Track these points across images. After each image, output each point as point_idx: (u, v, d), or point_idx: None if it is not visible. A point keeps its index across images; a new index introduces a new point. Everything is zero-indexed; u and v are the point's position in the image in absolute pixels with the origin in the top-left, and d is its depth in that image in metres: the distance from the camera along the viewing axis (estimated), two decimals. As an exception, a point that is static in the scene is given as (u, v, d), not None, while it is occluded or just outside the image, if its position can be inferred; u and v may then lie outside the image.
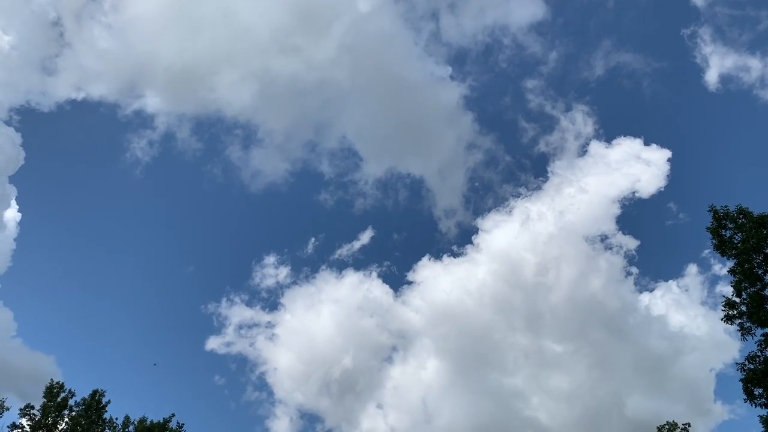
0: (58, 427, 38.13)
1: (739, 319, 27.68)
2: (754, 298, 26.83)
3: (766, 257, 27.57)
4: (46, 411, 38.26)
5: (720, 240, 29.51)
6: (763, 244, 28.17)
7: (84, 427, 38.29)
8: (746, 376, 27.77)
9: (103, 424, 39.92)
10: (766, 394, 27.16)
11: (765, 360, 27.53)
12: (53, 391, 39.23)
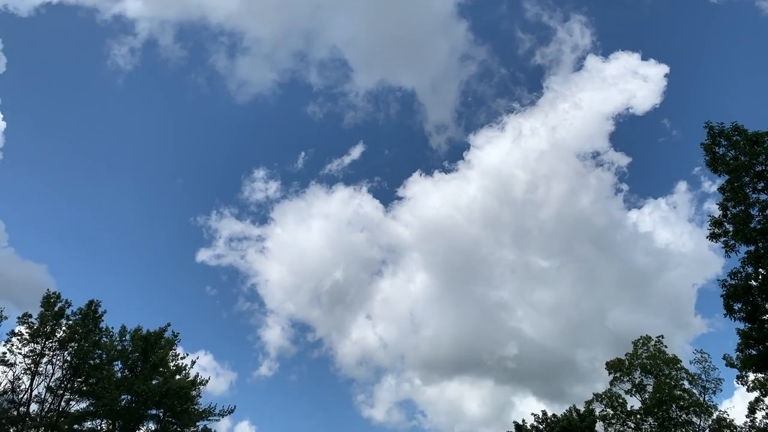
0: (56, 335, 39.09)
1: (723, 237, 28.02)
2: (740, 217, 27.04)
3: (757, 175, 27.57)
4: (43, 320, 39.09)
5: (713, 157, 29.35)
6: (755, 162, 28.10)
7: (81, 335, 39.26)
8: (727, 292, 28.39)
9: (100, 333, 40.95)
10: (745, 308, 27.88)
11: (746, 276, 28.08)
12: (50, 300, 39.92)
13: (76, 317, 39.79)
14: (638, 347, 47.91)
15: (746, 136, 28.49)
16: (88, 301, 41.06)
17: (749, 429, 45.11)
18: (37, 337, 38.59)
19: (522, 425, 50.56)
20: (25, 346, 38.26)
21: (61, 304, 39.97)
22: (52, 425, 39.31)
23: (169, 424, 44.29)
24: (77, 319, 39.83)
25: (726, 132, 29.06)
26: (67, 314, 39.78)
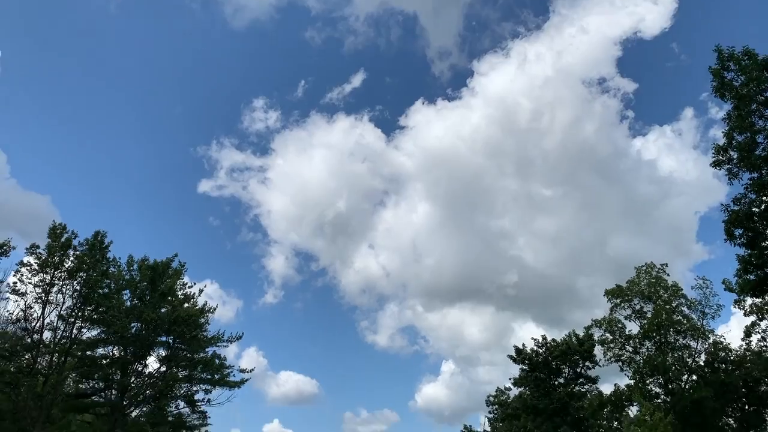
0: (64, 265, 39.66)
1: (727, 164, 27.85)
2: (745, 144, 26.79)
3: (764, 102, 27.10)
4: (51, 250, 39.58)
5: (721, 82, 28.78)
6: (764, 87, 27.57)
7: (89, 265, 39.84)
8: (729, 218, 28.48)
9: (108, 264, 41.52)
10: (746, 234, 28.05)
11: (749, 202, 28.11)
12: (56, 232, 40.28)
13: (83, 248, 40.23)
14: (641, 274, 48.51)
15: (756, 61, 27.81)
16: (95, 232, 41.43)
17: (744, 352, 46.34)
18: (45, 267, 39.17)
19: (522, 349, 51.91)
20: (35, 276, 38.91)
21: (67, 235, 40.33)
22: (66, 351, 40.48)
23: (179, 350, 45.56)
24: (84, 249, 40.28)
25: (736, 56, 28.33)
26: (74, 245, 40.18)
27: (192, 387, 46.70)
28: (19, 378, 37.65)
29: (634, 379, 47.24)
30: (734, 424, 49.60)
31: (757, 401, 46.93)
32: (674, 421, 39.73)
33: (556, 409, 50.10)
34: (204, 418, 49.12)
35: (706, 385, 44.03)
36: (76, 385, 46.90)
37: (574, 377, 51.46)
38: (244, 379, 47.48)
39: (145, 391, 44.93)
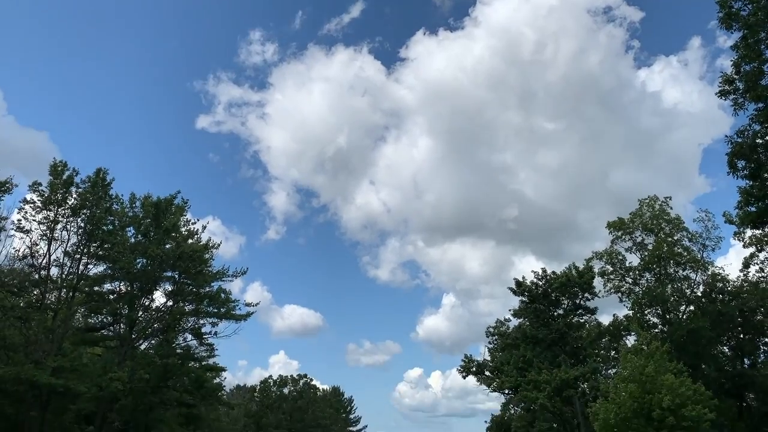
0: (67, 202, 39.82)
1: (733, 95, 27.37)
2: (752, 74, 26.25)
3: (773, 30, 26.40)
4: (53, 188, 39.64)
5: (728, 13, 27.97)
6: (773, 14, 26.80)
7: (92, 202, 39.99)
8: (732, 149, 28.21)
9: (111, 201, 41.65)
10: (749, 166, 27.87)
11: (753, 134, 27.78)
12: (58, 169, 40.22)
13: (86, 185, 40.28)
14: (643, 206, 48.56)
15: (765, -13, 26.93)
16: (96, 169, 41.36)
17: (741, 283, 46.93)
18: (49, 205, 39.34)
19: (522, 282, 52.63)
20: (39, 213, 39.13)
21: (69, 172, 40.27)
22: (73, 287, 41.15)
23: (185, 285, 46.29)
24: (86, 187, 40.33)
25: (744, -16, 27.41)
26: (76, 182, 40.22)
27: (199, 320, 47.79)
28: (29, 312, 38.41)
29: (633, 310, 48.01)
30: (728, 353, 50.79)
31: (752, 330, 47.89)
32: (671, 349, 40.59)
33: (555, 339, 51.25)
34: (211, 350, 50.50)
35: (703, 315, 44.81)
36: (85, 319, 47.90)
37: (573, 308, 52.38)
38: (249, 312, 48.50)
39: (152, 325, 45.95)
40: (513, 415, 54.76)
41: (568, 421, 50.84)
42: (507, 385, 51.72)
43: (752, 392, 47.25)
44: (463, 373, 56.26)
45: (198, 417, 53.93)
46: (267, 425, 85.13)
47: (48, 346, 38.24)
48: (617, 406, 36.42)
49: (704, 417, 34.79)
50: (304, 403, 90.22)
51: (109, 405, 41.71)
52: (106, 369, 39.33)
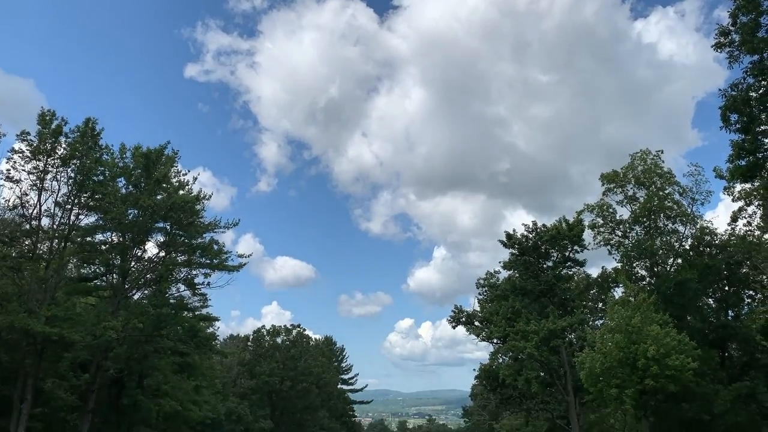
0: (56, 152, 39.45)
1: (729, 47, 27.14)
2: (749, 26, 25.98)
3: (772, -20, 26.02)
4: (42, 137, 39.18)
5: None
6: (773, -36, 26.37)
7: (82, 152, 39.63)
8: (726, 103, 28.15)
9: (100, 151, 41.27)
10: (741, 120, 27.90)
11: (747, 87, 27.70)
12: (46, 118, 39.67)
13: (75, 135, 39.82)
14: (636, 160, 48.62)
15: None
16: (85, 118, 40.77)
17: (729, 237, 47.51)
18: (38, 155, 38.96)
19: (512, 234, 52.95)
20: (28, 163, 38.78)
21: (57, 121, 39.73)
22: (65, 237, 41.15)
23: (177, 236, 46.33)
24: (76, 136, 39.86)
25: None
26: (65, 132, 39.76)
27: (191, 271, 48.01)
28: (22, 262, 38.52)
29: (621, 263, 48.65)
30: (714, 305, 51.76)
31: (737, 282, 48.71)
32: (657, 301, 41.33)
33: (544, 290, 51.94)
34: (204, 301, 50.95)
35: (691, 268, 45.46)
36: (78, 269, 48.08)
37: (562, 261, 52.91)
38: (242, 263, 48.72)
39: (145, 275, 46.19)
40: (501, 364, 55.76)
41: (554, 370, 51.97)
42: (495, 334, 52.59)
43: (734, 342, 48.38)
44: (452, 323, 57.11)
45: (192, 365, 54.83)
46: (260, 373, 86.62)
47: (41, 296, 38.50)
48: (603, 355, 37.29)
49: (687, 366, 35.73)
50: (297, 352, 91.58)
51: (103, 353, 42.26)
52: (100, 318, 39.70)
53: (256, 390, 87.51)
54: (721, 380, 43.09)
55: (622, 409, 46.12)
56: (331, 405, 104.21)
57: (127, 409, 47.70)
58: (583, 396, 49.64)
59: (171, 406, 48.81)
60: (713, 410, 40.32)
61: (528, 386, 50.60)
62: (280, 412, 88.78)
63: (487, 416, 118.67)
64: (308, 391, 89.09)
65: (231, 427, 76.79)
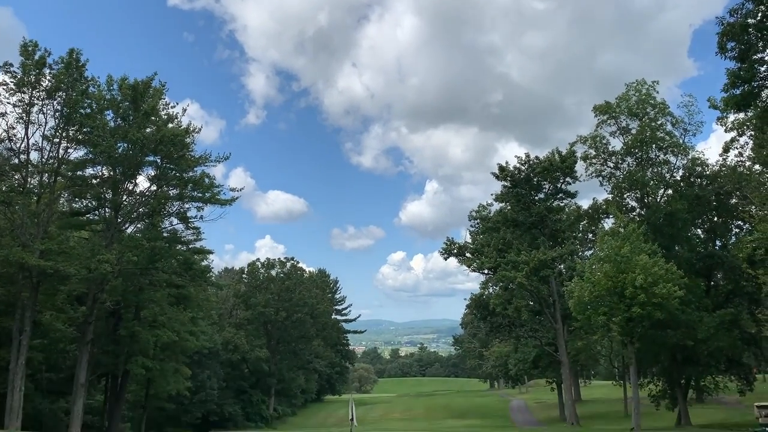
0: (41, 84, 38.62)
1: (729, -29, 26.43)
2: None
3: None
4: (26, 69, 38.26)
5: None
6: None
7: (68, 84, 38.82)
8: (723, 30, 27.63)
9: (86, 83, 40.41)
10: (738, 47, 27.49)
11: (746, 14, 27.16)
12: (29, 49, 38.64)
13: (59, 66, 38.90)
14: (630, 90, 48.13)
15: None
16: (69, 49, 39.72)
17: (720, 167, 47.68)
18: (23, 87, 38.15)
19: (505, 167, 52.99)
20: (13, 96, 38.01)
21: (40, 52, 38.72)
22: (55, 171, 40.83)
23: (168, 169, 46.02)
24: (60, 68, 38.94)
25: None
26: (49, 63, 38.81)
27: (184, 205, 47.96)
28: (12, 197, 38.32)
29: (613, 194, 48.91)
30: (702, 235, 52.47)
31: (726, 213, 49.25)
32: (647, 232, 41.83)
33: (535, 222, 52.45)
34: (198, 234, 51.14)
35: (681, 199, 45.80)
36: (70, 204, 47.95)
37: (554, 192, 53.21)
38: (234, 197, 48.64)
39: (137, 209, 46.15)
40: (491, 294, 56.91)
41: (544, 299, 53.13)
42: (487, 265, 53.40)
43: (720, 271, 49.38)
44: (444, 254, 57.84)
45: (188, 297, 55.56)
46: (256, 304, 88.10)
47: (34, 230, 38.54)
48: (592, 284, 38.02)
49: (674, 294, 36.53)
50: (291, 283, 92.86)
51: (99, 286, 42.69)
52: (94, 251, 39.89)
53: (252, 321, 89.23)
54: (706, 308, 44.17)
55: (609, 336, 47.50)
56: (326, 334, 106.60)
57: (125, 340, 48.61)
58: (571, 324, 50.99)
59: (168, 336, 49.71)
60: (697, 336, 41.51)
61: (518, 315, 51.82)
62: (276, 342, 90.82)
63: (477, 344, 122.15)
64: (303, 322, 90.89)
65: (228, 356, 78.75)
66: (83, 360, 42.20)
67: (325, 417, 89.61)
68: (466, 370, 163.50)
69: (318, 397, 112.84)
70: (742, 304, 46.85)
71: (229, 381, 79.35)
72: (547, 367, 62.85)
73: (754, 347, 49.25)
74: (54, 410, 48.21)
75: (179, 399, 62.46)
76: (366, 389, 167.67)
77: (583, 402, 76.66)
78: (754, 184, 41.70)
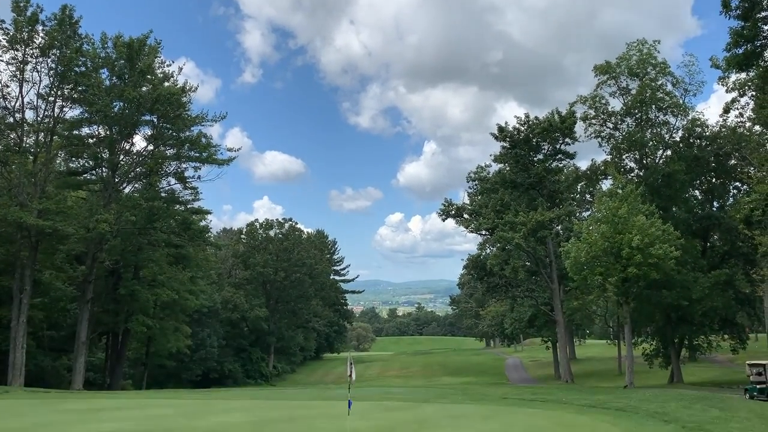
0: (34, 41, 38.09)
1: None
2: None
3: None
4: (18, 26, 37.70)
5: None
6: None
7: (61, 42, 38.26)
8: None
9: (80, 40, 39.82)
10: (742, 5, 27.11)
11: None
12: (20, 6, 38.00)
13: (52, 23, 38.32)
14: (631, 49, 47.51)
15: None
16: (61, 5, 39.07)
17: (719, 128, 47.45)
18: (16, 44, 37.65)
19: (504, 127, 52.67)
20: (6, 53, 37.57)
21: (32, 9, 38.14)
22: (50, 131, 40.57)
23: (164, 129, 45.73)
24: (53, 25, 38.38)
25: None
26: (42, 20, 38.24)
27: (181, 165, 47.82)
28: (8, 156, 38.17)
29: (611, 155, 48.75)
30: (700, 196, 52.56)
31: (724, 174, 49.24)
32: (645, 193, 41.86)
33: (533, 183, 52.40)
34: (195, 194, 51.11)
35: (679, 160, 45.69)
36: (66, 163, 47.77)
37: (553, 153, 53.00)
38: (231, 157, 48.47)
39: (135, 169, 46.02)
40: (489, 255, 57.26)
41: (541, 260, 53.45)
42: (484, 226, 53.57)
43: (717, 232, 49.61)
44: (442, 216, 57.96)
45: (187, 257, 55.86)
46: (254, 264, 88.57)
47: (31, 190, 38.47)
48: (588, 245, 38.19)
49: (670, 255, 36.76)
50: (289, 244, 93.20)
51: (98, 246, 42.85)
52: (92, 211, 39.91)
53: (251, 280, 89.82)
54: (701, 268, 44.52)
55: (604, 297, 47.93)
56: (324, 294, 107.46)
57: (125, 299, 49.02)
58: (567, 284, 51.42)
59: (168, 295, 50.15)
60: (692, 296, 41.92)
61: (514, 275, 52.22)
62: (275, 301, 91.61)
63: (474, 304, 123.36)
64: (301, 282, 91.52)
65: (228, 315, 79.55)
66: (84, 318, 42.62)
67: (324, 374, 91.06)
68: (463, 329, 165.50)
69: (317, 355, 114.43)
70: (737, 265, 47.21)
71: (229, 339, 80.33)
72: (542, 327, 63.62)
73: (747, 307, 49.85)
74: (56, 367, 48.90)
75: (180, 357, 63.33)
76: (364, 348, 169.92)
77: (578, 360, 77.91)
78: (754, 145, 41.59)
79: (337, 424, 17.12)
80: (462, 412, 21.10)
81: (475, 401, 25.27)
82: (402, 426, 17.66)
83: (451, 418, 19.36)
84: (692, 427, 16.28)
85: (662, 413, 19.23)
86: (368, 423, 17.77)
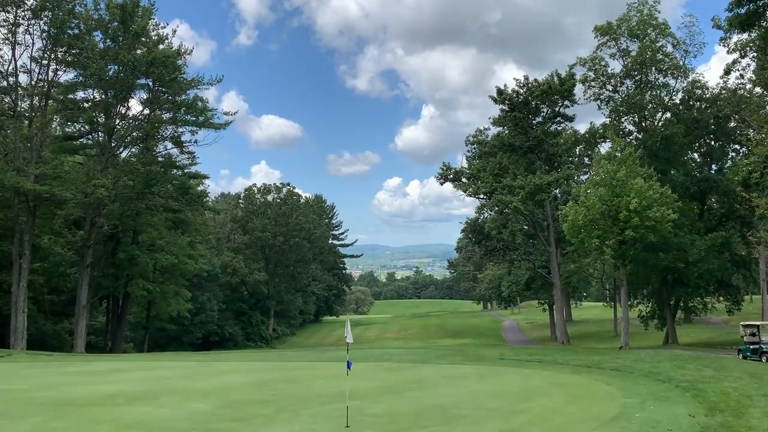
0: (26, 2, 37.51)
1: None
2: None
3: None
4: None
5: None
6: None
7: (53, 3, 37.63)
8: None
9: (73, 2, 39.15)
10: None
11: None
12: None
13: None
14: (632, 10, 46.80)
15: None
16: (52, -34, 38.33)
17: (720, 90, 47.07)
18: (7, 5, 37.06)
19: (503, 90, 52.22)
20: (-3, 15, 37.00)
21: (23, -31, 37.39)
22: (45, 95, 40.17)
23: (160, 92, 45.36)
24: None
25: None
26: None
27: (177, 129, 47.54)
28: (3, 120, 37.87)
29: (610, 118, 48.45)
30: (698, 159, 52.43)
31: (723, 137, 49.05)
32: (643, 156, 41.73)
33: (532, 146, 52.18)
34: (192, 158, 51.01)
35: (679, 122, 45.44)
36: (62, 128, 47.47)
37: (552, 116, 52.66)
38: (228, 121, 48.17)
39: (131, 133, 45.74)
40: (487, 218, 57.38)
41: (538, 223, 53.61)
42: (483, 190, 53.49)
43: (715, 195, 49.63)
44: (440, 180, 57.82)
45: (185, 221, 55.95)
46: (253, 229, 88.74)
47: (28, 154, 38.29)
48: (586, 208, 38.22)
49: (667, 218, 36.84)
50: (288, 209, 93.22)
51: (96, 210, 42.85)
52: (90, 176, 39.82)
53: (250, 245, 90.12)
54: (698, 231, 44.67)
55: (601, 259, 48.17)
56: (323, 258, 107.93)
57: (124, 264, 49.26)
58: (564, 247, 51.67)
59: (167, 259, 50.37)
60: (688, 259, 42.16)
61: (512, 238, 52.37)
62: (274, 265, 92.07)
63: (472, 267, 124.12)
64: (300, 246, 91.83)
65: (227, 279, 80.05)
66: (84, 282, 42.88)
67: (323, 336, 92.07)
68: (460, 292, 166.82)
69: (316, 318, 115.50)
70: (734, 228, 47.35)
71: (229, 303, 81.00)
72: (539, 289, 64.10)
73: (743, 269, 50.17)
74: (58, 331, 49.43)
75: (180, 320, 63.97)
76: (363, 311, 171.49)
77: (574, 322, 78.80)
78: (754, 107, 41.29)
79: (336, 385, 17.44)
80: (459, 373, 21.44)
81: (472, 362, 25.65)
82: (401, 386, 17.99)
83: (448, 379, 19.69)
84: (686, 386, 16.57)
85: (656, 373, 19.55)
86: (367, 383, 18.10)
